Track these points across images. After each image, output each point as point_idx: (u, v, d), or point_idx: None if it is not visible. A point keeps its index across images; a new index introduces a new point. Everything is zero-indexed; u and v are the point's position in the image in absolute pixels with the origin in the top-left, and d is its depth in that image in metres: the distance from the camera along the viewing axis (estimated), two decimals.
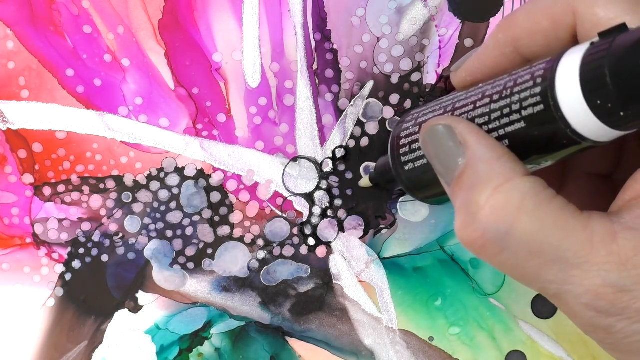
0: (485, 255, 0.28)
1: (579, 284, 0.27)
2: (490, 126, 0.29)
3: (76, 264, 0.42)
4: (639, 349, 0.27)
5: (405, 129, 0.34)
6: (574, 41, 0.30)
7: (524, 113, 0.28)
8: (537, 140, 0.28)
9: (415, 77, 0.42)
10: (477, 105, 0.30)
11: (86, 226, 0.42)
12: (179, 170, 0.42)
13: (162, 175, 0.42)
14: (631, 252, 0.26)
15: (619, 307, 0.27)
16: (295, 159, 0.42)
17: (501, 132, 0.29)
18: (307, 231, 0.42)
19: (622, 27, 0.26)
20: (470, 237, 0.28)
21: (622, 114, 0.25)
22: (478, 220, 0.28)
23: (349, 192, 0.42)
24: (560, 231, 0.27)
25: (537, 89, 0.27)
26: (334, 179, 0.42)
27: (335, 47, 0.42)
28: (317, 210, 0.42)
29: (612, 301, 0.27)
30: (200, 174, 0.42)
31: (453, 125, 0.30)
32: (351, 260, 0.42)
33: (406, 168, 0.33)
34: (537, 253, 0.27)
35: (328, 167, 0.42)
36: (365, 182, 0.40)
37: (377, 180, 0.39)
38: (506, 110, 0.28)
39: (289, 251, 0.42)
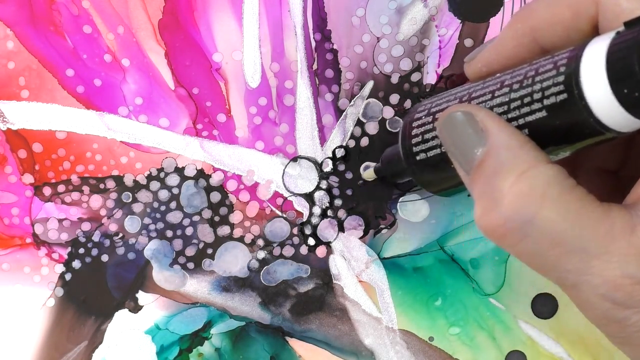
0: (506, 243, 0.28)
1: (598, 274, 0.27)
2: (510, 115, 0.29)
3: (76, 264, 0.42)
4: None
5: (418, 118, 0.33)
6: (595, 32, 0.29)
7: (545, 102, 0.27)
8: (558, 129, 0.27)
9: (415, 77, 0.42)
10: (496, 95, 0.29)
11: (86, 226, 0.42)
12: (179, 170, 0.42)
13: (162, 175, 0.42)
14: None
15: (635, 299, 0.27)
16: (295, 159, 0.42)
17: (521, 121, 0.28)
18: (307, 231, 0.42)
19: None
20: (492, 224, 0.28)
21: None
22: (500, 207, 0.27)
23: (349, 192, 0.42)
24: (583, 221, 0.27)
25: (561, 78, 0.27)
26: (334, 179, 0.42)
27: (335, 47, 0.42)
28: (317, 210, 0.42)
29: (630, 292, 0.26)
30: (200, 174, 0.42)
31: (474, 112, 0.29)
32: (351, 260, 0.42)
33: (418, 158, 0.33)
34: (559, 242, 0.27)
35: (328, 167, 0.42)
36: (369, 174, 0.39)
37: (383, 173, 0.38)
38: (527, 99, 0.28)
39: (289, 251, 0.42)
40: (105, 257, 0.42)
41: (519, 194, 0.27)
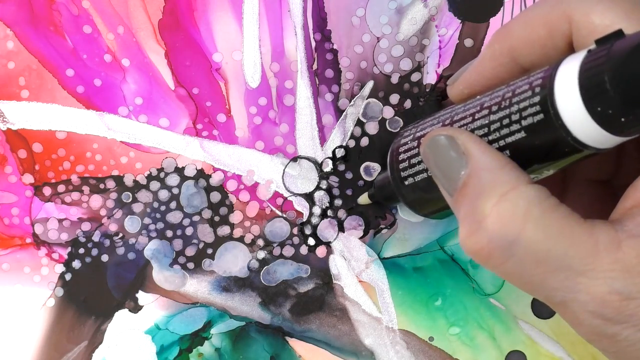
0: (491, 264, 0.28)
1: (585, 291, 0.27)
2: (490, 137, 0.29)
3: (76, 264, 0.42)
4: None
5: (404, 143, 0.34)
6: (571, 49, 0.30)
7: (523, 123, 0.28)
8: (538, 149, 0.28)
9: (415, 77, 0.42)
10: (476, 117, 0.30)
11: (86, 226, 0.42)
12: (179, 170, 0.42)
13: (162, 175, 0.42)
14: (635, 260, 0.26)
15: (625, 315, 0.27)
16: (295, 159, 0.42)
17: (502, 142, 0.29)
18: (307, 231, 0.42)
19: (619, 33, 0.26)
20: (476, 246, 0.28)
21: (623, 119, 0.25)
22: (484, 228, 0.28)
23: (349, 192, 0.42)
24: (566, 239, 0.27)
25: (536, 98, 0.27)
26: (334, 179, 0.42)
27: (335, 47, 0.42)
28: (317, 210, 0.42)
29: (618, 308, 0.27)
30: (200, 174, 0.42)
31: (455, 136, 0.30)
32: (351, 260, 0.42)
33: (406, 183, 0.33)
34: (543, 261, 0.27)
35: (328, 167, 0.42)
36: (364, 199, 0.40)
37: (376, 198, 0.39)
38: (506, 121, 0.28)
39: (289, 251, 0.42)
40: (105, 257, 0.42)
41: (501, 215, 0.28)
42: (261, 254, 0.42)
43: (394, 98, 0.42)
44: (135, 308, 0.42)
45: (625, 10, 0.28)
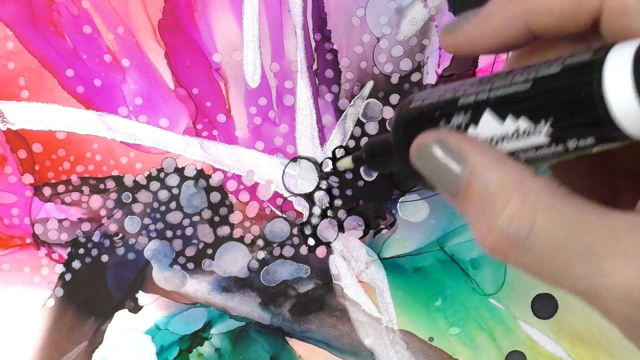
0: (512, 259, 0.28)
1: (609, 275, 0.26)
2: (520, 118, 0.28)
3: (76, 264, 0.42)
4: None
5: (416, 107, 0.33)
6: (594, 28, 0.29)
7: (565, 109, 0.27)
8: (575, 135, 0.27)
9: (415, 77, 0.42)
10: (507, 94, 0.29)
11: (86, 226, 0.42)
12: (179, 171, 0.42)
13: (162, 175, 0.42)
14: None
15: None
16: (295, 159, 0.42)
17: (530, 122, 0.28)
18: (307, 231, 0.42)
19: None
20: (494, 245, 0.28)
21: None
22: (497, 227, 0.28)
23: (348, 192, 0.42)
24: (582, 225, 0.27)
25: (582, 75, 0.26)
26: (334, 179, 0.42)
27: (335, 47, 0.42)
28: (317, 210, 0.42)
29: None
30: (200, 174, 0.42)
31: (444, 139, 0.29)
32: (351, 261, 0.42)
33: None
34: (562, 249, 0.27)
35: (328, 167, 0.42)
36: (346, 163, 0.37)
37: (366, 161, 0.36)
38: (543, 102, 0.28)
39: (289, 251, 0.42)
40: (105, 258, 0.42)
41: (512, 210, 0.27)
42: (261, 254, 0.42)
43: (394, 98, 0.42)
44: (135, 308, 0.42)
45: None
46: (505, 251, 0.28)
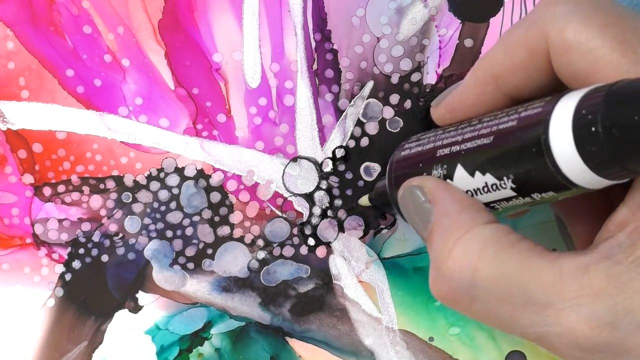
0: (459, 307, 0.29)
1: (555, 323, 0.26)
2: (477, 167, 0.29)
3: (76, 264, 0.42)
4: None
5: (403, 158, 0.34)
6: (550, 68, 0.29)
7: (516, 157, 0.27)
8: (528, 183, 0.28)
9: (415, 77, 0.42)
10: (466, 146, 0.30)
11: (86, 226, 0.42)
12: (179, 171, 0.42)
13: (162, 175, 0.42)
14: (604, 282, 0.25)
15: (600, 343, 0.26)
16: (295, 159, 0.42)
17: (491, 174, 0.29)
18: (307, 231, 0.42)
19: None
20: (440, 291, 0.29)
21: (611, 165, 0.25)
22: (443, 273, 0.28)
23: (349, 192, 0.42)
24: (525, 272, 0.27)
25: (531, 134, 0.27)
26: (334, 179, 0.42)
27: (335, 47, 0.42)
28: (317, 210, 0.42)
29: (591, 338, 0.26)
30: (200, 174, 0.42)
31: (422, 185, 0.30)
32: (351, 261, 0.42)
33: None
34: (506, 298, 0.27)
35: (328, 167, 0.42)
36: (364, 201, 0.40)
37: (375, 202, 0.39)
38: (497, 153, 0.28)
39: (289, 251, 0.42)
40: (105, 257, 0.42)
41: (455, 258, 0.28)
42: (261, 254, 0.42)
43: (394, 98, 0.42)
44: (135, 308, 0.42)
45: (599, 26, 0.27)
46: (452, 299, 0.29)
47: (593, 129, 0.25)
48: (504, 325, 0.28)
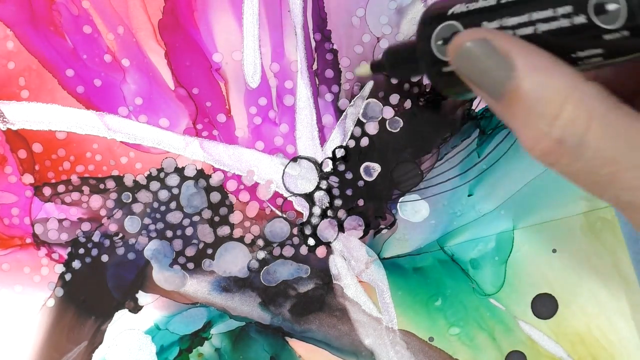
0: (560, 166, 0.28)
1: None
2: (542, 26, 0.27)
3: (76, 264, 0.42)
4: None
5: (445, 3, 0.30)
6: None
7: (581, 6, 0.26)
8: (613, 49, 0.27)
9: (415, 77, 0.42)
10: (534, 12, 0.27)
11: (86, 226, 0.42)
12: (179, 171, 0.42)
13: (162, 175, 0.42)
14: None
15: None
16: (295, 159, 0.42)
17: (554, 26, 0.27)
18: (307, 231, 0.42)
19: None
20: (547, 150, 0.27)
21: None
22: (551, 133, 0.27)
23: (349, 192, 0.42)
24: (633, 137, 0.26)
25: None
26: (334, 179, 0.42)
27: (335, 47, 0.42)
28: (317, 210, 0.42)
29: None
30: (200, 174, 0.42)
31: (489, 38, 0.28)
32: (351, 261, 0.42)
33: (441, 58, 0.30)
34: (611, 160, 0.27)
35: (328, 167, 0.42)
36: (364, 69, 0.37)
37: (385, 68, 0.35)
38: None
39: (289, 251, 0.42)
40: (105, 257, 0.42)
41: (566, 118, 0.27)
42: (261, 254, 0.42)
43: (394, 98, 0.42)
44: (135, 308, 0.42)
45: None
46: (557, 157, 0.27)
47: None
48: (600, 186, 0.27)
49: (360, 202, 0.42)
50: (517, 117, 0.28)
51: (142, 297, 0.42)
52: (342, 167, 0.42)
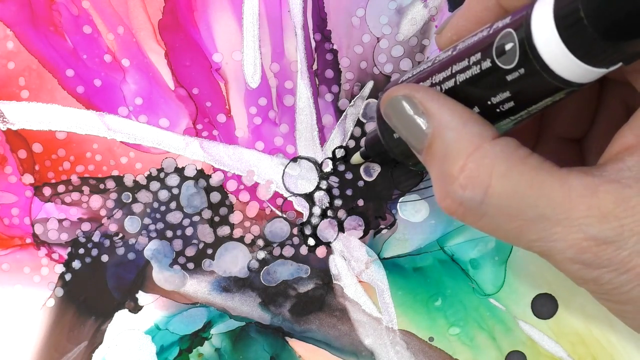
0: (467, 222, 0.29)
1: (562, 239, 0.27)
2: (464, 81, 0.28)
3: (76, 264, 0.42)
4: (629, 299, 0.27)
5: (393, 83, 0.33)
6: None
7: (500, 63, 0.27)
8: (519, 92, 0.27)
9: None
10: (453, 63, 0.29)
11: (86, 226, 0.42)
12: (179, 171, 0.42)
13: (162, 175, 0.42)
14: (612, 205, 0.26)
15: (603, 259, 0.27)
16: (295, 159, 0.42)
17: (475, 87, 0.28)
18: (307, 231, 0.42)
19: None
20: (450, 208, 0.29)
21: (599, 49, 0.25)
22: (453, 191, 0.28)
23: (349, 192, 0.42)
24: (537, 190, 0.27)
25: (513, 36, 0.27)
26: (334, 179, 0.42)
27: (335, 47, 0.42)
28: (317, 210, 0.42)
29: (596, 253, 0.27)
30: (200, 174, 0.42)
31: (411, 94, 0.29)
32: (351, 261, 0.42)
33: (395, 137, 0.33)
34: (516, 215, 0.28)
35: (328, 167, 0.42)
36: (357, 159, 0.40)
37: (369, 155, 0.39)
38: (479, 64, 0.28)
39: (289, 251, 0.42)
40: (105, 258, 0.42)
41: (467, 177, 0.28)
42: (261, 254, 0.42)
43: None
44: (135, 308, 0.42)
45: None
46: (461, 216, 0.29)
47: (573, 10, 0.24)
48: (510, 238, 0.29)
49: (360, 202, 0.42)
50: (431, 171, 0.29)
51: (142, 297, 0.42)
52: (342, 167, 0.42)
